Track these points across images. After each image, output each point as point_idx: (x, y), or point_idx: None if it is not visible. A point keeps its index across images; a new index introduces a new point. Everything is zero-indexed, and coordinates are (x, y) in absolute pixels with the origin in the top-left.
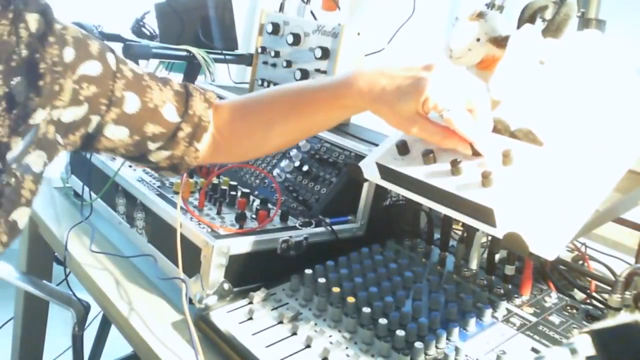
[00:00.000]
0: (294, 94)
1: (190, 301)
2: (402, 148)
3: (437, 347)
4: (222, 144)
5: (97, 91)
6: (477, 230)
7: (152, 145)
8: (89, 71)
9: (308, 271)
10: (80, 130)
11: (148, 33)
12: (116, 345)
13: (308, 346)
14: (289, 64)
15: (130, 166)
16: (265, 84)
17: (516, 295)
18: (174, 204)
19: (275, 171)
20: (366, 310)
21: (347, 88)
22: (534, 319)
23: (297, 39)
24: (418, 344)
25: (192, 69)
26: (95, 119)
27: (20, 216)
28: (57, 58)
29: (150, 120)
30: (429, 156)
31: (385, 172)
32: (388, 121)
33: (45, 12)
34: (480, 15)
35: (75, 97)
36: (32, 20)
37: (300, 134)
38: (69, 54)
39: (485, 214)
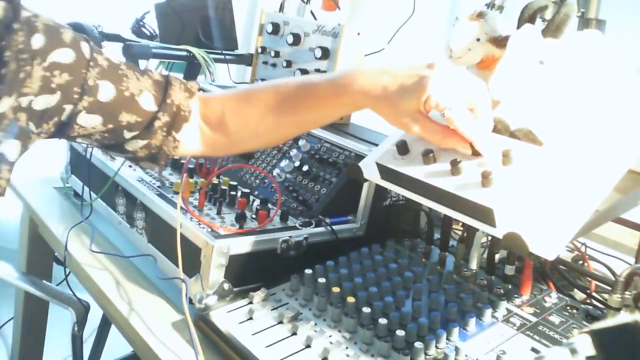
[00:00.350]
0: (290, 90)
1: (190, 301)
2: (402, 148)
3: (437, 347)
4: (212, 136)
5: (70, 79)
6: (477, 230)
7: (127, 134)
8: (61, 59)
9: (308, 271)
10: (54, 119)
11: (148, 33)
12: (116, 345)
13: (308, 346)
14: (289, 64)
15: (130, 166)
16: None
17: (516, 295)
18: (174, 204)
19: (275, 171)
20: (366, 310)
21: (346, 86)
22: (534, 319)
23: (297, 39)
24: (418, 344)
25: (192, 69)
26: (68, 108)
27: None
28: (22, 45)
29: (125, 109)
30: (428, 156)
31: (385, 172)
32: (389, 120)
33: (12, 0)
34: (480, 15)
35: (47, 85)
36: None
37: (294, 130)
38: (38, 41)
39: (485, 214)
